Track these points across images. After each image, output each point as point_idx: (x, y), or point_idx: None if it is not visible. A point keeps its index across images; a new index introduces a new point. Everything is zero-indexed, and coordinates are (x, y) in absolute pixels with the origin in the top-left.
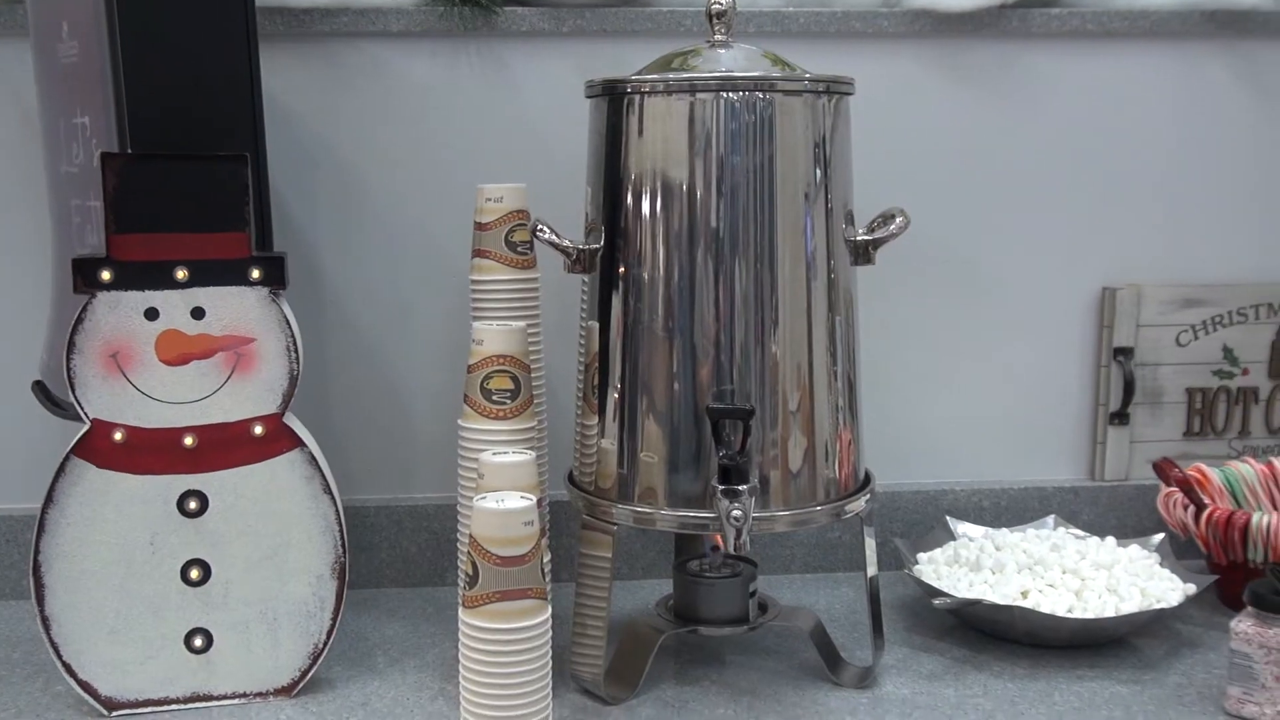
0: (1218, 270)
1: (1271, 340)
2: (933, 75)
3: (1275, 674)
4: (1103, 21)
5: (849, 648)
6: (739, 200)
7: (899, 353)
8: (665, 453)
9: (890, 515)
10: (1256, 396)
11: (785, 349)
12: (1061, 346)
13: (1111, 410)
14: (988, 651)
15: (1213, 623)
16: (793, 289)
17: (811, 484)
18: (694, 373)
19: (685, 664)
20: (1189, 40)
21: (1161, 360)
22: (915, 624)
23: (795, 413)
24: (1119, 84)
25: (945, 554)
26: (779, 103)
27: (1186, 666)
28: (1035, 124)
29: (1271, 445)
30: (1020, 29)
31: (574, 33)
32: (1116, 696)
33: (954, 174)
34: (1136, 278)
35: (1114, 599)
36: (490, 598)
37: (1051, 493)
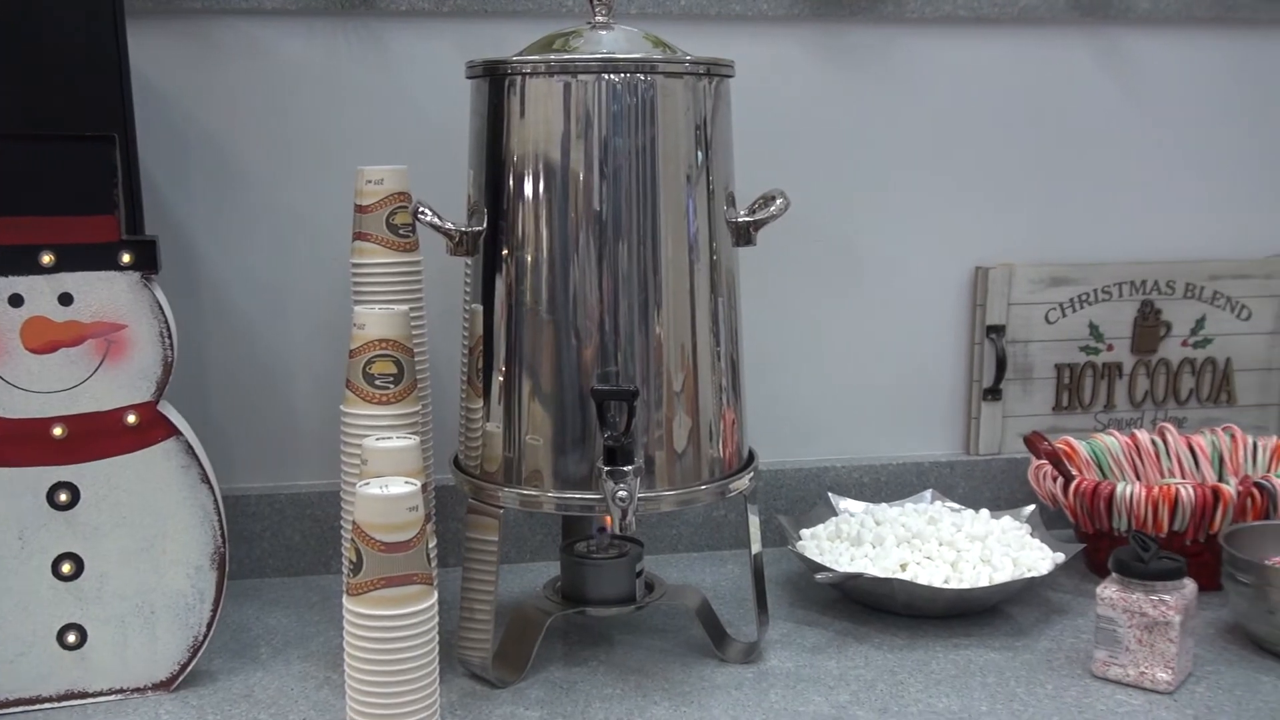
0: (1084, 250)
1: (1134, 317)
2: (811, 58)
3: (1138, 637)
4: (974, 7)
5: (735, 624)
6: (621, 182)
7: (780, 332)
8: (550, 435)
9: (774, 493)
10: (1120, 371)
11: (669, 330)
12: (937, 325)
13: (985, 386)
14: (869, 623)
15: (1081, 589)
16: (675, 270)
17: (696, 464)
18: (578, 355)
19: (573, 645)
20: (1055, 25)
21: (1031, 337)
22: (799, 599)
23: (679, 393)
24: (990, 68)
25: (827, 529)
26: (660, 85)
27: (1056, 632)
28: (911, 106)
29: (1134, 418)
30: (895, 13)
31: (455, 13)
32: (990, 663)
33: (832, 156)
34: (1008, 257)
35: (988, 569)
36: (375, 584)
37: (929, 467)
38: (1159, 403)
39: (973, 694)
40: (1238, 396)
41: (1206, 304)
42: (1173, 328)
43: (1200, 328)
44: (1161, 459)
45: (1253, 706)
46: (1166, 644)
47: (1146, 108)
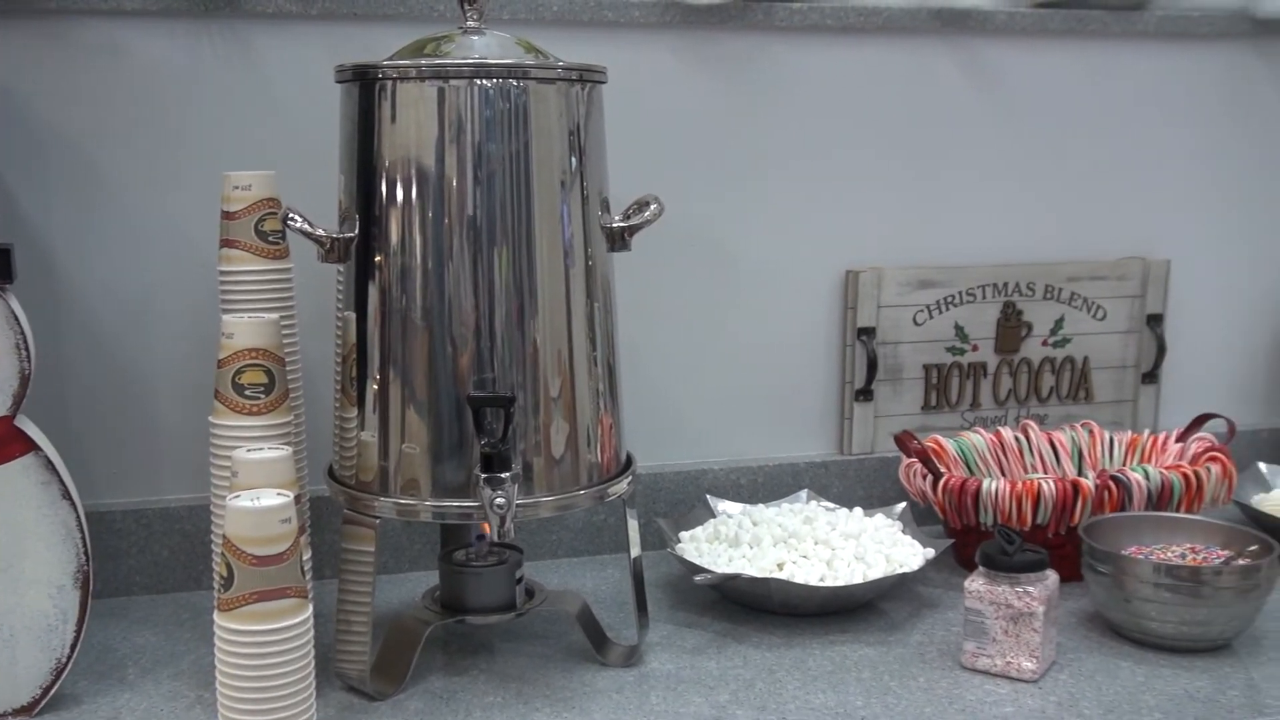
0: (949, 253)
1: (997, 318)
2: (684, 65)
3: (1004, 628)
4: (840, 17)
5: (616, 628)
6: (495, 188)
7: (657, 337)
8: (427, 443)
9: (653, 496)
10: (985, 371)
11: (545, 336)
12: (810, 327)
13: (857, 387)
14: (747, 623)
15: (950, 583)
16: (551, 276)
17: (574, 469)
18: (454, 361)
19: (454, 654)
20: (918, 36)
21: (901, 339)
22: (679, 601)
23: (556, 399)
24: (857, 76)
25: (706, 531)
26: (533, 90)
27: (928, 626)
28: (781, 113)
29: (999, 416)
30: (765, 21)
31: (323, 15)
32: (865, 658)
33: (705, 162)
34: (877, 261)
35: (862, 566)
36: (247, 599)
37: (804, 468)
38: (1022, 401)
39: (848, 689)
40: (1095, 393)
41: (1065, 305)
42: (1033, 328)
43: (1059, 328)
44: (1025, 455)
45: (1112, 691)
46: (1031, 634)
47: (1006, 116)
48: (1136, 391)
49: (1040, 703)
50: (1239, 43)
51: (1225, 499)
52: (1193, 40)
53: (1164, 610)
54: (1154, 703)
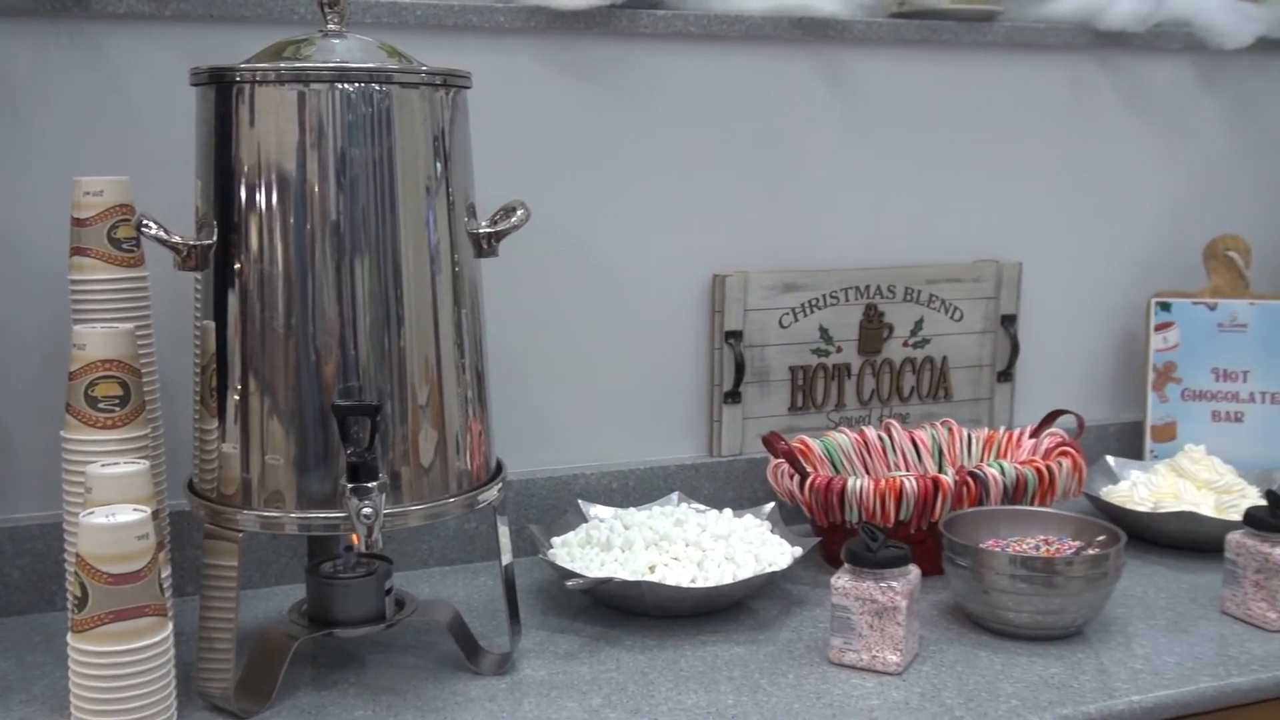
0: (813, 257)
1: (859, 320)
2: (549, 70)
3: (869, 622)
4: (704, 24)
5: (488, 636)
6: (359, 193)
7: (526, 343)
8: (291, 454)
9: (525, 502)
10: (849, 372)
11: (412, 343)
12: (678, 331)
13: (725, 390)
14: (620, 627)
15: (818, 581)
16: (417, 282)
17: (444, 477)
18: (318, 370)
19: (322, 669)
20: (780, 44)
21: (768, 341)
22: (552, 606)
23: (425, 406)
24: (721, 83)
25: (578, 536)
26: (396, 95)
27: (796, 623)
28: (648, 119)
29: (863, 415)
30: (630, 28)
31: (178, 17)
32: (736, 657)
33: (573, 167)
34: (743, 265)
35: (732, 567)
36: (102, 619)
37: (675, 470)
38: (884, 400)
39: (720, 689)
40: (954, 392)
41: (924, 306)
42: (894, 329)
43: (919, 329)
44: (888, 453)
45: (972, 680)
46: (895, 628)
47: (865, 122)
48: (992, 390)
49: (904, 694)
50: (1082, 54)
51: (1076, 491)
52: (1039, 51)
53: (1020, 600)
54: (1012, 690)
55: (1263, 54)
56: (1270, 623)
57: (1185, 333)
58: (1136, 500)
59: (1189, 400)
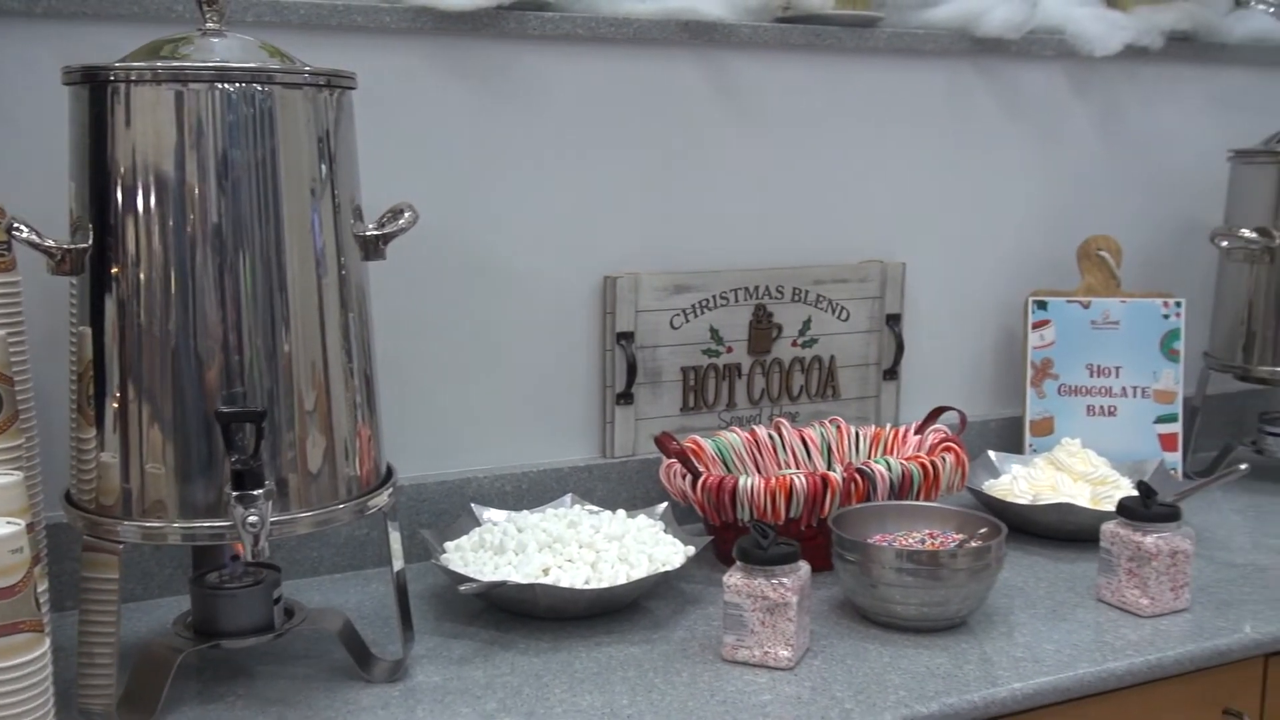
0: (703, 258)
1: (749, 320)
2: (438, 72)
3: (761, 619)
4: (592, 27)
5: (381, 643)
6: (241, 195)
7: (417, 346)
8: (174, 462)
9: (417, 507)
10: (740, 371)
11: (298, 347)
12: (570, 333)
13: (618, 391)
14: (515, 630)
15: (711, 579)
16: (303, 286)
17: (333, 483)
18: (200, 376)
19: (209, 681)
20: (668, 47)
21: (659, 343)
22: (446, 611)
23: (312, 412)
24: (610, 85)
25: (471, 540)
26: (279, 95)
27: (690, 622)
28: (537, 121)
29: (754, 415)
30: (518, 30)
31: (50, 14)
32: (630, 657)
33: (462, 169)
34: (634, 267)
35: (625, 567)
36: None
37: (568, 472)
38: (774, 399)
39: (614, 689)
40: (841, 390)
41: (811, 306)
42: (783, 329)
43: (807, 329)
44: (778, 452)
45: (862, 673)
46: (786, 623)
47: (753, 125)
48: (879, 388)
49: (796, 689)
50: (960, 59)
51: (959, 486)
52: (920, 56)
53: (906, 593)
54: (899, 681)
55: (1130, 61)
56: (1143, 609)
57: (1061, 330)
58: (1017, 493)
59: (1065, 395)
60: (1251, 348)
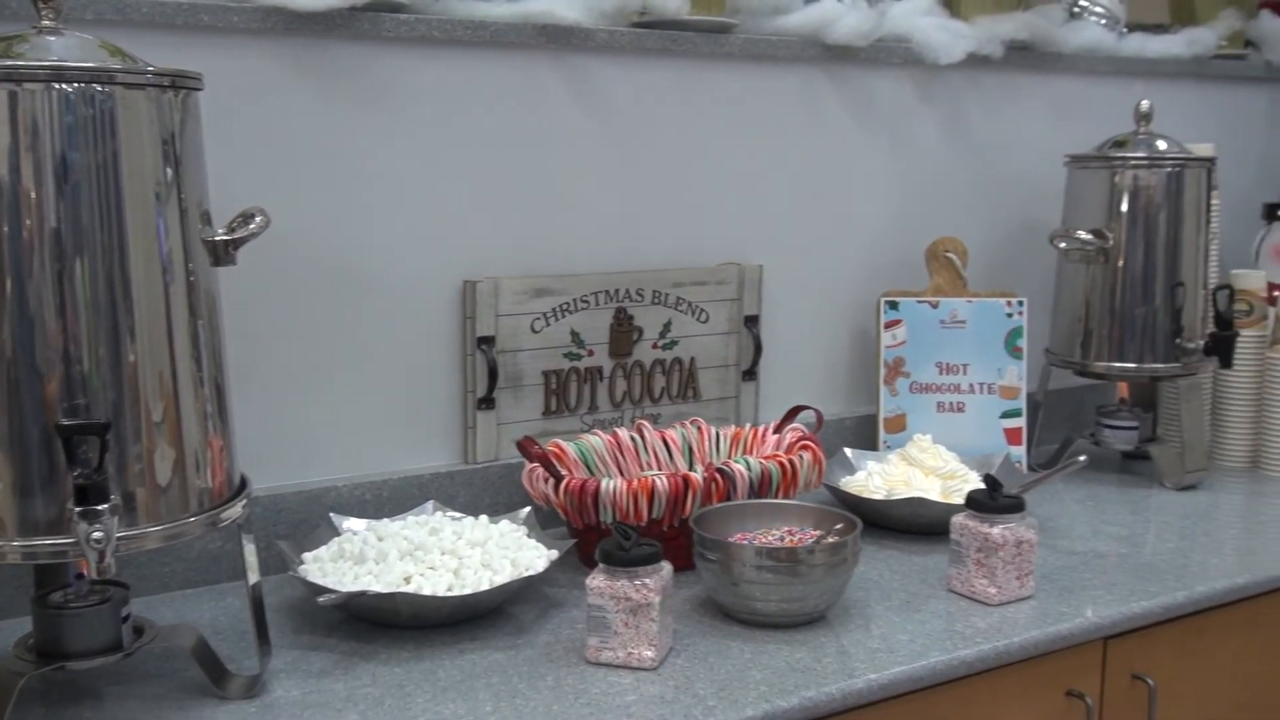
0: (563, 262)
1: (610, 323)
2: (289, 74)
3: (624, 620)
4: (448, 29)
5: (237, 659)
6: (81, 200)
7: (272, 353)
8: (12, 477)
9: (274, 518)
10: (601, 374)
11: (144, 357)
12: (429, 337)
13: (479, 396)
14: (376, 640)
15: (575, 582)
16: (148, 293)
17: (183, 495)
18: (39, 387)
19: (54, 705)
20: (525, 50)
21: (520, 347)
22: (304, 624)
23: (160, 423)
24: (467, 88)
25: (330, 550)
26: (120, 96)
27: (555, 625)
28: (394, 124)
29: (616, 417)
30: (372, 31)
31: None
32: (495, 663)
33: (317, 172)
34: (494, 271)
35: (489, 573)
36: None
37: (429, 479)
38: (636, 401)
39: (478, 696)
40: (702, 392)
41: (671, 309)
42: (644, 332)
43: (667, 331)
44: (640, 453)
45: (724, 670)
46: (649, 623)
47: (611, 129)
48: (738, 388)
49: (660, 688)
50: (812, 66)
51: (816, 483)
52: (773, 62)
53: (767, 590)
54: (760, 676)
55: (973, 69)
56: (991, 597)
57: (912, 330)
58: (872, 489)
59: (917, 393)
60: (1089, 344)
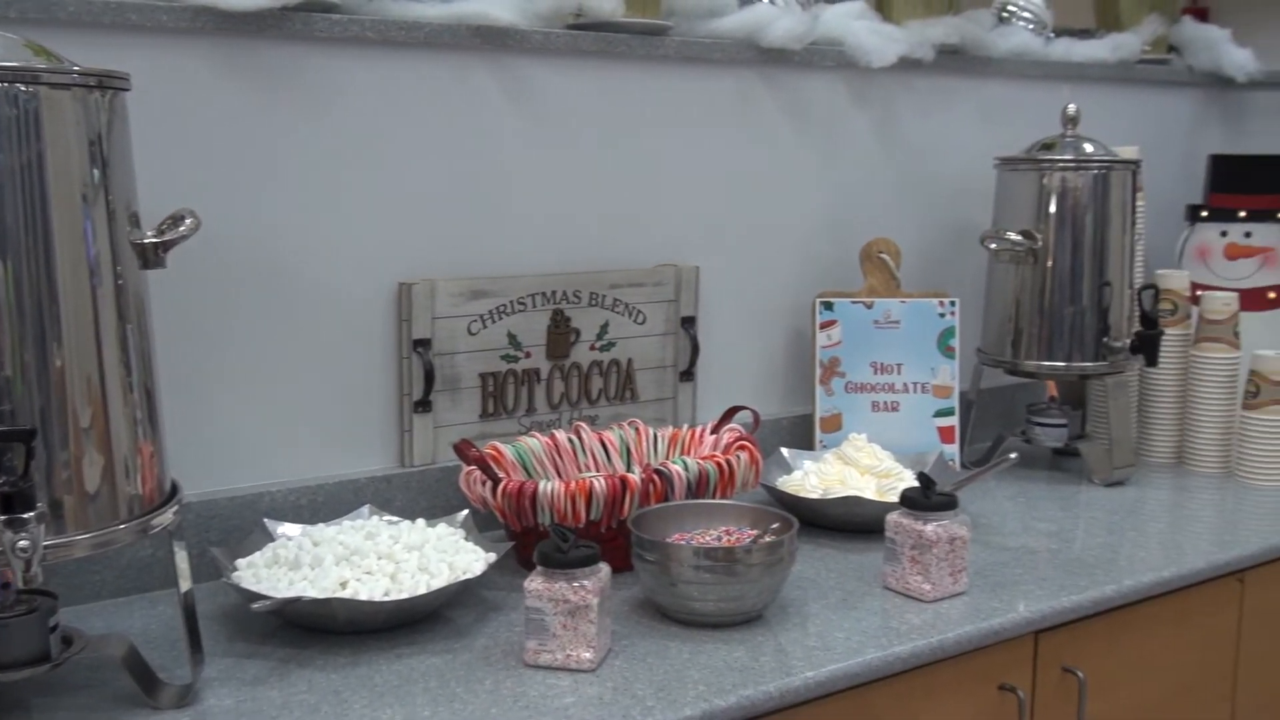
0: (499, 264)
1: (547, 325)
2: (220, 74)
3: (562, 622)
4: (381, 30)
5: (169, 668)
6: (4, 202)
7: (204, 357)
8: None
9: (207, 525)
10: (539, 376)
11: (71, 362)
12: (365, 341)
13: (415, 399)
14: (312, 647)
15: (513, 585)
16: (75, 296)
17: (112, 502)
18: None
19: None
20: (460, 52)
21: (457, 349)
22: (238, 631)
23: (88, 429)
24: (401, 89)
25: (265, 556)
26: (45, 96)
27: (493, 629)
28: (328, 126)
29: (553, 419)
30: (305, 31)
31: None
32: (432, 668)
33: (251, 174)
34: (430, 273)
35: (426, 577)
36: None
37: (365, 483)
38: (574, 403)
39: (415, 700)
40: (639, 393)
41: (609, 310)
42: (581, 334)
43: (605, 333)
44: (579, 455)
45: (662, 671)
46: (587, 625)
47: (547, 130)
48: (676, 389)
49: (598, 690)
50: (747, 68)
51: (754, 483)
52: (708, 65)
53: (705, 590)
54: (699, 676)
55: (905, 72)
56: (925, 594)
57: (847, 330)
58: (808, 488)
59: (852, 392)
60: (1019, 343)
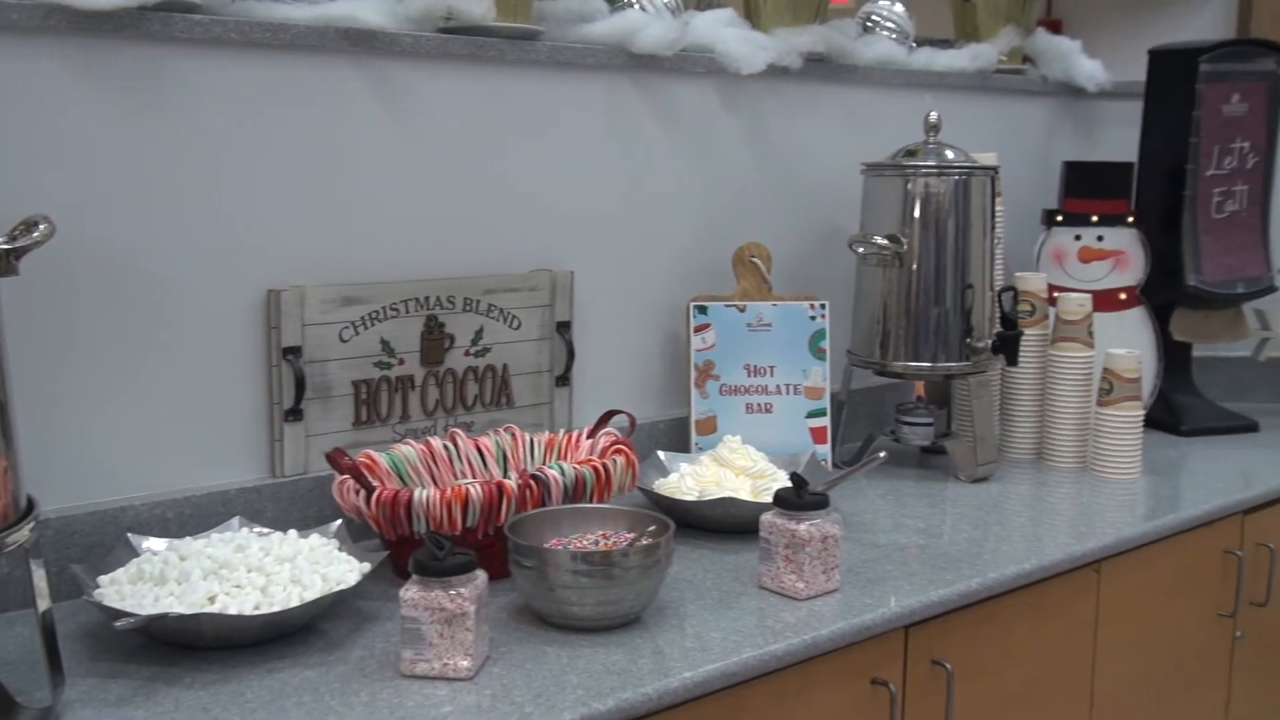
0: (371, 270)
1: (421, 331)
2: (74, 75)
3: (439, 631)
4: (244, 31)
5: (28, 690)
6: None
7: (62, 367)
8: None
9: (66, 541)
10: (413, 383)
11: None
12: (232, 349)
13: (286, 408)
14: (180, 664)
15: (389, 595)
16: None
17: None
18: None
19: None
20: (328, 54)
21: (328, 356)
22: (102, 651)
23: None
24: (268, 92)
25: (129, 572)
26: None
27: (368, 640)
28: (189, 129)
29: (428, 426)
30: (164, 32)
31: None
32: (306, 681)
33: (108, 178)
34: (299, 279)
35: (298, 589)
36: None
37: (235, 494)
38: (449, 410)
39: (289, 715)
40: (516, 398)
41: (483, 316)
42: (456, 339)
43: (480, 338)
44: (454, 462)
45: (540, 676)
46: (464, 633)
47: (418, 135)
48: (552, 394)
49: (476, 698)
50: (618, 74)
51: (630, 486)
52: (580, 70)
53: (582, 594)
54: (577, 681)
55: (774, 79)
56: (799, 592)
57: (720, 333)
58: (684, 490)
59: (726, 395)
60: (887, 345)
